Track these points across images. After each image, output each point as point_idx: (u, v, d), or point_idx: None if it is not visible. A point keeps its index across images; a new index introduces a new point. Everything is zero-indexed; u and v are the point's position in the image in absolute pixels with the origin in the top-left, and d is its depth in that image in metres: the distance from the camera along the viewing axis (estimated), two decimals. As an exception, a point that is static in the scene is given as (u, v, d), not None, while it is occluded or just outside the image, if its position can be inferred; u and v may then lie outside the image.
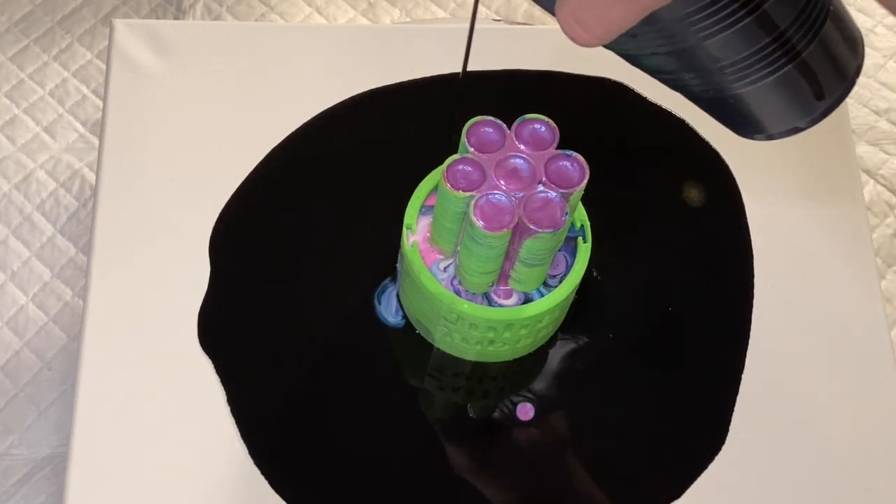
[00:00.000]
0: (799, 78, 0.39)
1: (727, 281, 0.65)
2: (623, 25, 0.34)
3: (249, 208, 0.64)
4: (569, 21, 0.35)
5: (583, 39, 0.35)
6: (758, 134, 0.43)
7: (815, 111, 0.41)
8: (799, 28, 0.37)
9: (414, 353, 0.61)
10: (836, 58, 0.40)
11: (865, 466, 0.60)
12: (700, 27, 0.36)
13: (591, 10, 0.34)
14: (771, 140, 0.44)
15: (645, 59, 0.40)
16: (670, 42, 0.37)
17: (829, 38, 0.39)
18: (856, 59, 0.41)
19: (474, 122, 0.52)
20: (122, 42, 0.68)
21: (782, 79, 0.39)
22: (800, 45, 0.38)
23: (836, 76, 0.41)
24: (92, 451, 0.57)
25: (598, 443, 0.59)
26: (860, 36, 0.41)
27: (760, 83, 0.39)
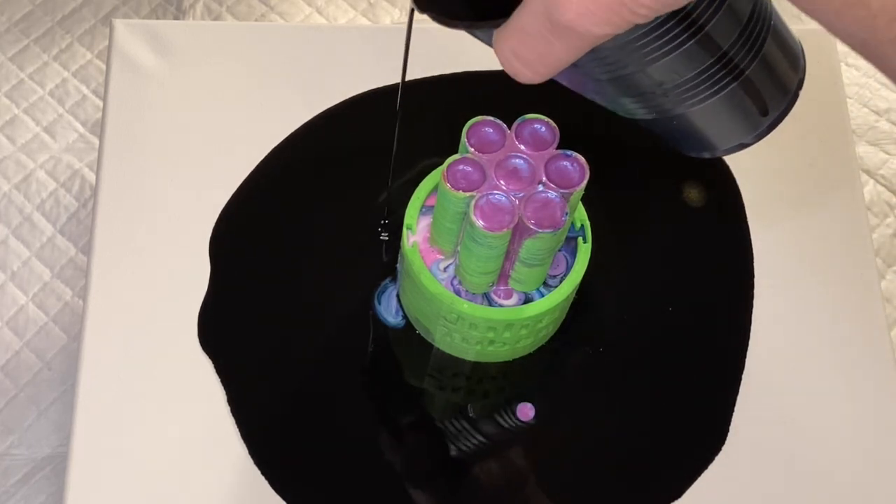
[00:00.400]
0: (743, 95, 0.39)
1: (727, 281, 0.65)
2: (567, 61, 0.33)
3: (249, 208, 0.64)
4: (509, 59, 0.34)
5: (525, 77, 0.34)
6: (704, 152, 0.43)
7: (761, 126, 0.41)
8: (741, 47, 0.37)
9: (414, 353, 0.61)
10: (778, 73, 0.40)
11: (865, 466, 0.60)
12: (643, 52, 0.35)
13: (532, 48, 0.33)
14: (715, 157, 0.44)
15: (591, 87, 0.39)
16: (612, 69, 0.37)
17: (770, 54, 0.39)
18: (797, 74, 0.41)
19: (474, 122, 0.52)
20: (122, 42, 0.68)
21: (726, 97, 0.39)
22: (742, 64, 0.38)
23: (779, 91, 0.40)
24: (92, 451, 0.57)
25: (599, 443, 0.59)
26: (801, 49, 0.41)
27: (705, 103, 0.39)
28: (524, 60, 0.34)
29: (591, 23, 0.31)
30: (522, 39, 0.33)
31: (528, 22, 0.32)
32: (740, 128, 0.41)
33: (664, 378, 0.61)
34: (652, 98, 0.38)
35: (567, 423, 0.60)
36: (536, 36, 0.32)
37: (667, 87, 0.38)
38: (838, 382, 0.62)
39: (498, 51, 0.34)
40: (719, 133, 0.42)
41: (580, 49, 0.32)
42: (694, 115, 0.39)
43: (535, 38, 0.33)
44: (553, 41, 0.32)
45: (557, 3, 0.31)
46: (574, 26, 0.31)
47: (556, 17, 0.31)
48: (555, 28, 0.32)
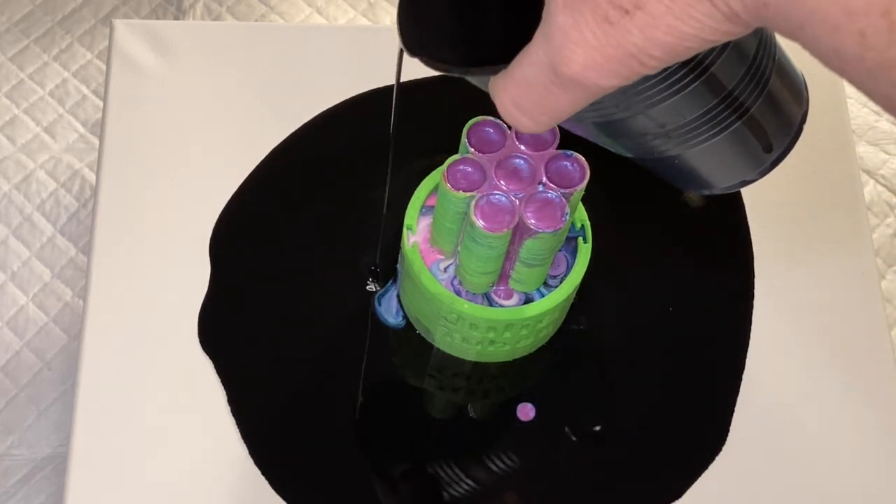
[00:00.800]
0: (747, 133, 0.38)
1: (727, 281, 0.65)
2: (571, 112, 0.32)
3: (249, 208, 0.64)
4: (509, 109, 0.33)
5: (525, 127, 0.33)
6: (704, 189, 0.42)
7: (765, 162, 0.40)
8: (747, 85, 0.36)
9: (414, 353, 0.61)
10: (782, 109, 0.39)
11: (865, 467, 0.60)
12: (645, 96, 0.34)
13: (534, 98, 0.32)
14: (714, 194, 0.42)
15: (587, 129, 0.38)
16: (611, 112, 0.35)
17: (775, 90, 0.38)
18: (801, 108, 0.40)
19: (475, 122, 0.52)
20: (122, 42, 0.68)
21: (730, 136, 0.37)
22: (748, 102, 0.37)
23: (783, 127, 0.39)
24: (92, 451, 0.57)
25: (599, 443, 0.59)
26: (804, 83, 0.40)
27: (707, 143, 0.37)
28: (525, 111, 0.33)
29: (598, 75, 0.30)
30: (523, 90, 0.32)
31: (529, 72, 0.31)
32: (743, 165, 0.40)
33: (664, 378, 0.61)
34: (652, 139, 0.37)
35: (567, 423, 0.60)
36: (539, 87, 0.31)
37: (669, 129, 0.36)
38: (838, 382, 0.62)
39: (497, 99, 0.33)
40: (721, 171, 0.40)
41: (585, 101, 0.31)
42: (696, 155, 0.38)
43: (537, 89, 0.31)
44: (556, 92, 0.31)
45: (562, 54, 0.30)
46: (580, 79, 0.30)
47: (560, 68, 0.30)
48: (559, 79, 0.30)
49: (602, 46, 0.29)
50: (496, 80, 0.33)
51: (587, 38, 0.29)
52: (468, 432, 0.59)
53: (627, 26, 0.28)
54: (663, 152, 0.38)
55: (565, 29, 0.29)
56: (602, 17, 0.28)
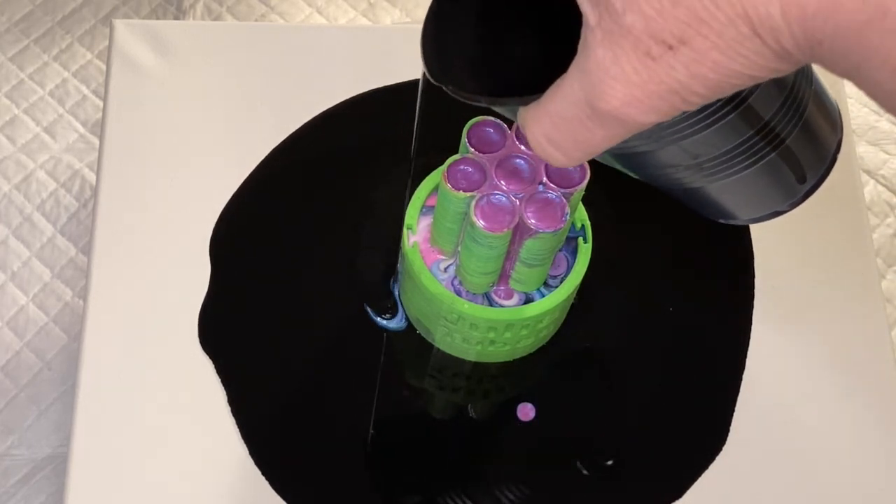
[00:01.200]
0: (781, 164, 0.37)
1: (727, 281, 0.65)
2: (606, 147, 0.31)
3: (249, 208, 0.64)
4: (541, 142, 0.32)
5: (557, 162, 0.32)
6: (731, 220, 0.40)
7: (797, 194, 0.39)
8: (783, 115, 0.35)
9: (414, 353, 0.61)
10: (818, 137, 0.37)
11: (865, 466, 0.60)
12: (679, 128, 0.33)
13: (568, 133, 0.31)
14: (742, 224, 0.41)
15: (617, 160, 0.37)
16: (643, 144, 0.34)
17: (811, 119, 0.36)
18: (836, 135, 0.38)
19: (475, 123, 0.52)
20: (122, 42, 0.68)
21: (763, 168, 0.36)
22: (784, 132, 0.35)
23: (818, 156, 0.38)
24: (92, 451, 0.57)
25: (599, 443, 0.59)
26: (837, 109, 0.38)
27: (740, 175, 0.36)
28: (558, 145, 0.31)
29: (638, 111, 0.28)
30: (557, 124, 0.31)
31: (564, 106, 0.30)
32: (775, 196, 0.39)
33: (664, 378, 0.61)
34: (682, 171, 0.36)
35: (567, 423, 0.60)
36: (573, 121, 0.30)
37: (700, 161, 0.35)
38: (838, 382, 0.62)
39: (528, 133, 0.32)
40: (751, 203, 0.39)
41: (622, 136, 0.30)
42: (725, 186, 0.37)
43: (571, 124, 0.30)
44: (592, 128, 0.30)
45: (600, 89, 0.28)
46: (618, 115, 0.29)
47: (597, 104, 0.29)
48: (595, 114, 0.29)
49: (643, 82, 0.28)
50: (527, 112, 0.32)
51: (627, 73, 0.28)
52: (468, 432, 0.59)
53: (671, 62, 0.27)
54: (692, 183, 0.37)
55: (604, 63, 0.28)
56: (644, 52, 0.27)
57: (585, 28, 0.28)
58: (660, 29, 0.27)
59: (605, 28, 0.28)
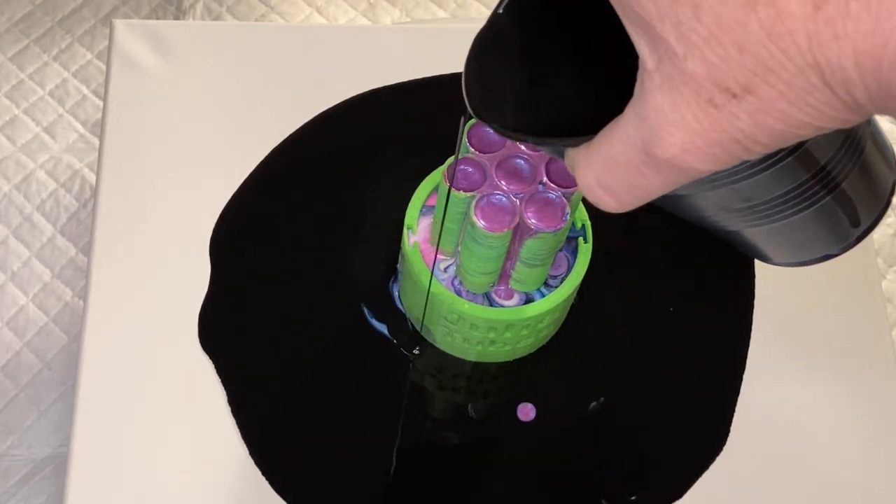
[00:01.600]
0: (835, 208, 0.35)
1: (727, 281, 0.65)
2: (660, 193, 0.30)
3: (249, 208, 0.64)
4: (592, 186, 0.31)
5: (608, 207, 0.31)
6: (780, 262, 0.39)
7: (850, 238, 0.37)
8: (841, 158, 0.33)
9: (414, 353, 0.61)
10: (874, 179, 0.35)
11: (866, 467, 0.60)
12: (732, 171, 0.32)
13: (621, 178, 0.30)
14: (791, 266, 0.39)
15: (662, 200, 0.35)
16: (696, 186, 0.33)
17: (868, 160, 0.34)
18: (893, 173, 0.36)
19: (475, 122, 0.52)
20: (122, 42, 0.68)
21: (818, 212, 0.34)
22: (840, 176, 0.33)
23: (873, 199, 0.36)
24: (92, 451, 0.57)
25: (599, 443, 0.59)
26: (891, 147, 0.36)
27: (791, 218, 0.34)
28: (610, 190, 0.30)
29: (696, 159, 0.27)
30: (610, 168, 0.30)
31: (618, 151, 0.29)
32: (827, 240, 0.37)
33: (664, 378, 0.61)
34: (731, 214, 0.35)
35: (567, 423, 0.60)
36: (628, 166, 0.29)
37: (753, 204, 0.34)
38: (838, 382, 0.62)
39: (578, 175, 0.31)
40: (802, 246, 0.37)
41: (677, 183, 0.29)
42: (777, 230, 0.35)
43: (625, 169, 0.29)
44: (647, 174, 0.29)
45: (658, 136, 0.27)
46: (676, 162, 0.28)
47: (655, 150, 0.28)
48: (651, 161, 0.28)
49: (704, 130, 0.27)
50: (578, 154, 0.31)
51: (687, 120, 0.27)
52: (468, 432, 0.59)
53: (734, 111, 0.26)
54: (739, 226, 0.35)
55: (663, 109, 0.27)
56: (706, 100, 0.26)
57: (643, 71, 0.27)
58: (724, 76, 0.26)
59: (665, 73, 0.27)
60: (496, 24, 0.33)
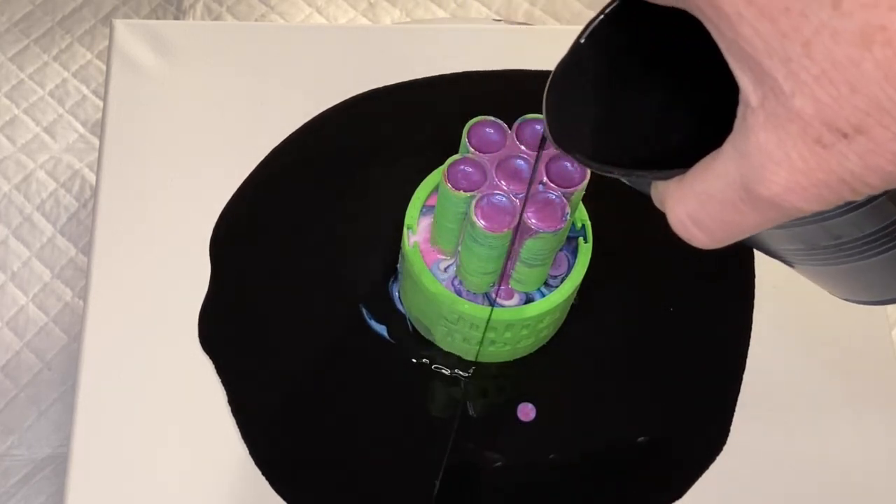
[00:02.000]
0: None
1: (727, 281, 0.65)
2: (755, 231, 0.29)
3: (250, 208, 0.64)
4: (684, 222, 0.30)
5: (700, 243, 0.31)
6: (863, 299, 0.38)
7: None
8: None
9: (414, 353, 0.61)
10: None
11: (866, 467, 0.60)
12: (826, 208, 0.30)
13: (716, 215, 0.29)
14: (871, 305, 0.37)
15: None
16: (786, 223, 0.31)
17: None
18: None
19: (475, 123, 0.52)
20: (123, 42, 0.68)
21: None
22: None
23: None
24: (92, 451, 0.57)
25: (599, 443, 0.59)
26: None
27: (877, 258, 0.33)
28: (703, 226, 0.30)
29: (799, 199, 0.26)
30: (704, 204, 0.29)
31: (715, 187, 0.28)
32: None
33: (664, 378, 0.61)
34: (818, 251, 0.33)
35: (567, 423, 0.60)
36: (724, 203, 0.28)
37: (841, 242, 0.32)
38: (838, 382, 0.62)
39: (670, 211, 0.30)
40: (877, 284, 0.36)
41: (776, 222, 0.28)
42: (863, 268, 0.34)
43: (721, 205, 0.28)
44: (745, 211, 0.28)
45: (761, 174, 0.27)
46: (778, 201, 0.27)
47: (756, 188, 0.27)
48: (750, 198, 0.27)
49: (809, 170, 0.26)
50: (670, 188, 0.30)
51: (793, 159, 0.26)
52: (468, 432, 0.59)
53: (844, 151, 0.25)
54: (826, 262, 0.34)
55: (767, 147, 0.26)
56: (814, 139, 0.25)
57: (745, 107, 0.27)
58: (834, 116, 0.25)
59: (770, 110, 0.26)
60: (577, 54, 0.32)
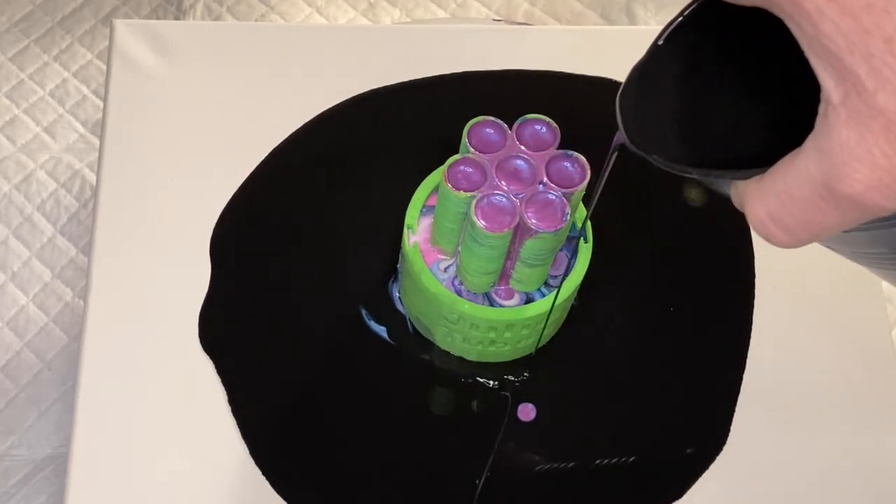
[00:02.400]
0: None
1: (727, 281, 0.65)
2: (837, 230, 0.29)
3: (250, 208, 0.64)
4: (764, 221, 0.30)
5: (780, 242, 0.30)
6: None
7: None
8: None
9: (414, 353, 0.61)
10: None
11: (866, 467, 0.60)
12: None
13: (797, 214, 0.29)
14: None
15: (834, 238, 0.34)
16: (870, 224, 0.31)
17: None
18: None
19: (475, 123, 0.52)
20: (123, 42, 0.68)
21: None
22: None
23: None
24: (92, 451, 0.57)
25: (599, 443, 0.59)
26: None
27: None
28: (783, 225, 0.29)
29: (883, 197, 0.26)
30: (785, 203, 0.29)
31: (796, 186, 0.28)
32: None
33: (664, 378, 0.61)
34: None
35: (567, 423, 0.60)
36: (805, 202, 0.28)
37: None
38: (839, 382, 0.62)
39: (749, 210, 0.30)
40: None
41: (858, 221, 0.28)
42: None
43: (802, 204, 0.28)
44: (827, 210, 0.28)
45: (843, 172, 0.27)
46: (860, 199, 0.27)
47: (838, 186, 0.27)
48: (832, 197, 0.27)
49: (892, 167, 0.26)
50: (748, 187, 0.30)
51: (875, 156, 0.26)
52: (468, 432, 0.59)
53: None
54: None
55: (849, 145, 0.26)
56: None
57: (826, 104, 0.27)
58: None
59: (852, 107, 0.26)
60: (655, 56, 0.32)
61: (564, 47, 0.71)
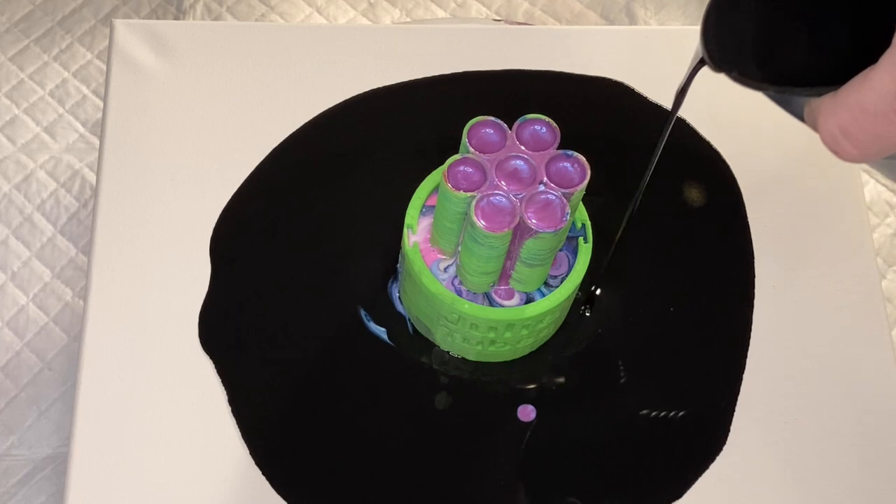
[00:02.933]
0: None
1: (728, 281, 0.65)
2: None
3: (250, 208, 0.64)
4: (834, 135, 0.30)
5: (849, 156, 0.31)
6: None
7: None
8: None
9: (414, 353, 0.61)
10: None
11: (866, 467, 0.60)
12: None
13: (869, 128, 0.29)
14: None
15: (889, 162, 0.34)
16: None
17: None
18: None
19: (475, 123, 0.52)
20: (123, 42, 0.68)
21: None
22: None
23: None
24: (92, 451, 0.57)
25: (599, 443, 0.59)
26: None
27: None
28: (853, 138, 0.30)
29: None
30: (858, 117, 0.29)
31: (869, 99, 0.29)
32: None
33: (664, 378, 0.61)
34: None
35: (567, 423, 0.60)
36: (878, 115, 0.29)
37: None
38: (838, 382, 0.62)
39: (822, 124, 0.31)
40: None
41: None
42: None
43: (875, 118, 0.29)
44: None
45: None
46: None
47: None
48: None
49: None
50: (822, 102, 0.31)
51: None
52: (468, 432, 0.59)
53: None
54: None
55: None
56: None
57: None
58: None
59: None
60: None
61: (564, 47, 0.71)
